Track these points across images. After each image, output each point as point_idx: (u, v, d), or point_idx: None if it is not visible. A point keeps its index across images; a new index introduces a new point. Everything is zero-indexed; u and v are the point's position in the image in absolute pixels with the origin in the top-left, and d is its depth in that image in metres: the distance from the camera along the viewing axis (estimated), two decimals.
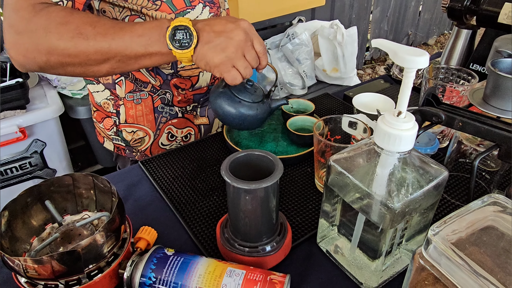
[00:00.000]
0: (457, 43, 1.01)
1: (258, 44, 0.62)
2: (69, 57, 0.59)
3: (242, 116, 0.68)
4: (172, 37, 0.58)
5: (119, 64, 0.61)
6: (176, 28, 0.57)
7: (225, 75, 0.60)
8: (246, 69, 0.61)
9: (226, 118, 0.69)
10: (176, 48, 0.58)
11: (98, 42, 0.58)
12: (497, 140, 0.49)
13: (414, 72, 0.41)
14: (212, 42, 0.59)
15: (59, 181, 0.53)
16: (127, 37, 0.59)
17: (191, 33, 0.58)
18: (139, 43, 0.59)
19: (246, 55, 0.61)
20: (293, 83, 2.17)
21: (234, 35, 0.59)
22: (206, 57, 0.59)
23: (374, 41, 0.45)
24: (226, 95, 0.68)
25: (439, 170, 0.46)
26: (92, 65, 0.61)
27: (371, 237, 0.48)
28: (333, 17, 2.74)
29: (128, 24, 0.60)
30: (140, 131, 0.89)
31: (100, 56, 0.59)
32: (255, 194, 0.47)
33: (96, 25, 0.59)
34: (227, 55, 0.59)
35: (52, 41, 0.57)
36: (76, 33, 0.58)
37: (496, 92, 0.57)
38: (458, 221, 0.41)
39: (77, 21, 0.58)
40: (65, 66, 0.61)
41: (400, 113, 0.44)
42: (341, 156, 0.50)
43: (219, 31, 0.59)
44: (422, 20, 3.54)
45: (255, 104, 0.69)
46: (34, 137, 1.42)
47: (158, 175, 0.73)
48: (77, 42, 0.58)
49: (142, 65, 0.62)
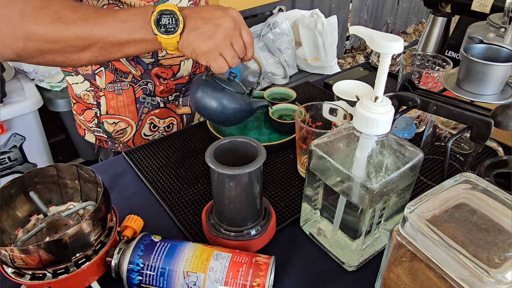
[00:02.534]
0: (433, 31, 1.04)
1: (246, 34, 0.61)
2: (48, 43, 0.56)
3: (222, 106, 0.66)
4: (157, 22, 0.56)
5: (101, 52, 0.59)
6: (161, 12, 0.56)
7: (211, 63, 0.59)
8: (233, 58, 0.60)
9: (206, 108, 0.67)
10: (162, 33, 0.56)
11: (79, 27, 0.56)
12: (469, 122, 0.52)
13: (390, 57, 0.42)
14: (200, 28, 0.57)
15: (42, 172, 0.53)
16: (110, 22, 0.56)
17: (177, 18, 0.56)
18: (123, 29, 0.57)
19: (234, 44, 0.60)
20: (274, 72, 2.18)
21: (223, 22, 0.58)
22: (193, 44, 0.58)
23: (352, 28, 0.47)
24: (209, 83, 0.66)
25: (414, 152, 0.49)
26: (72, 52, 0.58)
27: (351, 218, 0.51)
28: (313, 6, 2.74)
29: (111, 10, 0.58)
30: (122, 122, 0.88)
31: (81, 42, 0.57)
32: (239, 179, 0.49)
33: (76, 9, 0.56)
34: (215, 43, 0.58)
35: (29, 26, 0.55)
36: (55, 17, 0.55)
37: (468, 76, 0.60)
38: (432, 199, 0.43)
39: (56, 5, 0.56)
40: (44, 53, 0.58)
41: (377, 97, 0.45)
42: (321, 141, 0.51)
43: (207, 18, 0.57)
44: (401, 9, 3.58)
45: (237, 95, 0.67)
46: (12, 131, 1.39)
47: (142, 165, 0.73)
48: (56, 27, 0.55)
49: (126, 53, 0.60)
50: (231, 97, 0.67)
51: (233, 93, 0.67)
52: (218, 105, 0.66)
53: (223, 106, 0.66)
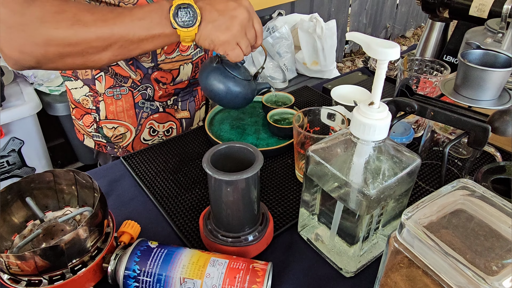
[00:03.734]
0: (431, 36, 1.04)
1: (258, 24, 0.64)
2: (69, 46, 0.57)
3: (233, 92, 0.71)
4: (175, 15, 0.57)
5: (121, 50, 0.60)
6: (179, 6, 0.57)
7: (229, 53, 0.62)
8: (248, 47, 0.63)
9: (218, 94, 0.72)
10: (181, 26, 0.58)
11: (99, 28, 0.56)
12: (466, 128, 0.52)
13: (387, 64, 0.42)
14: (217, 21, 0.59)
15: (39, 178, 0.53)
16: (128, 21, 0.57)
17: (195, 10, 0.58)
18: (141, 26, 0.58)
19: (248, 34, 0.62)
20: (274, 76, 2.18)
21: (238, 14, 0.60)
22: (211, 36, 0.60)
23: (348, 34, 0.47)
24: (220, 70, 0.71)
25: (412, 158, 0.48)
26: (93, 53, 0.59)
27: (349, 224, 0.50)
28: (313, 11, 2.75)
29: (126, 9, 0.59)
30: (121, 127, 0.88)
31: (101, 42, 0.57)
32: (236, 185, 0.49)
33: (94, 11, 0.57)
34: (233, 34, 0.60)
35: (49, 31, 0.55)
36: (75, 20, 0.55)
37: (466, 82, 0.60)
38: (429, 205, 0.43)
39: (73, 9, 0.56)
40: (64, 57, 0.58)
41: (374, 103, 0.45)
42: (319, 146, 0.51)
43: (222, 10, 0.59)
44: (400, 13, 3.60)
45: (246, 82, 0.73)
46: (11, 135, 1.39)
47: (140, 170, 0.73)
48: (77, 29, 0.56)
49: (144, 49, 0.61)
50: (239, 83, 0.72)
51: (241, 80, 0.72)
52: (227, 90, 0.71)
53: (233, 92, 0.72)
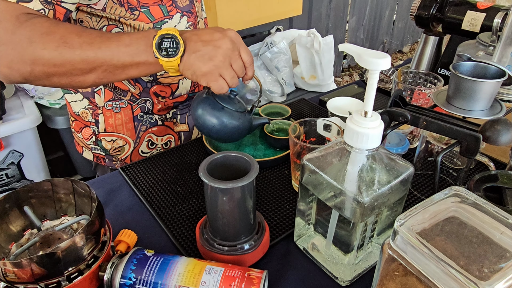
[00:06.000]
0: (426, 49, 1.07)
1: (245, 54, 0.63)
2: (55, 67, 0.58)
3: (222, 124, 0.67)
4: (159, 45, 0.58)
5: (106, 74, 0.61)
6: (163, 36, 0.58)
7: (212, 84, 0.61)
8: (233, 78, 0.62)
9: (206, 126, 0.68)
10: (163, 56, 0.58)
11: (84, 51, 0.58)
12: (459, 137, 0.53)
13: (378, 74, 0.43)
14: (200, 51, 0.59)
15: (37, 187, 0.53)
16: (114, 46, 0.58)
17: (178, 41, 0.58)
18: (126, 52, 0.59)
19: (233, 65, 0.61)
20: (272, 90, 2.21)
21: (221, 44, 0.59)
22: (193, 66, 0.60)
23: (341, 46, 0.48)
24: (209, 101, 0.67)
25: (405, 166, 0.49)
26: (78, 75, 0.60)
27: (344, 232, 0.51)
28: (310, 26, 2.80)
29: (114, 34, 0.60)
30: (119, 140, 0.89)
31: (86, 65, 0.59)
32: (232, 193, 0.49)
33: (81, 34, 0.59)
34: (215, 64, 0.59)
35: (36, 51, 0.57)
36: (61, 42, 0.57)
37: (457, 93, 0.61)
38: (422, 212, 0.43)
39: (62, 30, 0.58)
40: (50, 76, 0.60)
41: (367, 112, 0.46)
42: (313, 155, 0.52)
43: (206, 40, 0.59)
44: (397, 29, 3.66)
45: (237, 114, 0.68)
46: (10, 148, 1.40)
47: (138, 180, 0.73)
48: (62, 51, 0.57)
49: (129, 75, 0.62)
50: (230, 115, 0.67)
51: (233, 111, 0.68)
52: (218, 123, 0.67)
53: (223, 124, 0.67)
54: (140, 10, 0.73)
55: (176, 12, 0.78)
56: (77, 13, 0.71)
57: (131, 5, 0.72)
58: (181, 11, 0.79)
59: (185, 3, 0.79)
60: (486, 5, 0.89)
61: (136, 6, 0.72)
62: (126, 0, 0.71)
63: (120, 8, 0.71)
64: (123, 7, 0.71)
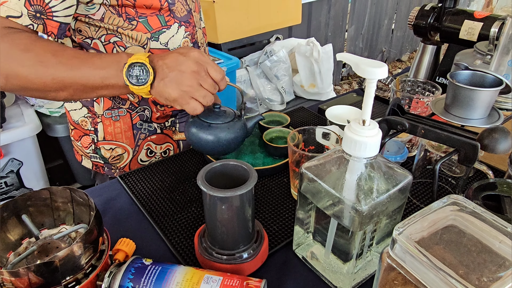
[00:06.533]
0: (424, 58, 1.07)
1: (213, 71, 0.63)
2: (28, 82, 0.60)
3: (215, 139, 0.68)
4: (129, 73, 0.60)
5: (77, 92, 0.63)
6: (133, 64, 0.59)
7: (185, 107, 0.62)
8: (205, 97, 0.62)
9: (202, 145, 0.69)
10: (133, 84, 0.60)
11: (57, 71, 0.60)
12: (457, 145, 0.53)
13: (375, 83, 0.44)
14: (167, 77, 0.60)
15: (36, 195, 0.53)
16: (86, 68, 0.60)
17: (147, 69, 0.60)
18: (97, 75, 0.61)
19: (203, 84, 0.62)
20: (272, 98, 2.21)
21: (185, 68, 0.60)
22: (164, 93, 0.61)
23: (338, 55, 0.48)
24: (195, 123, 0.68)
25: (403, 175, 0.49)
26: (50, 91, 0.62)
27: (342, 240, 0.51)
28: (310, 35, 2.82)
29: (89, 55, 0.62)
30: (118, 148, 0.89)
31: (58, 84, 0.61)
32: (230, 202, 0.49)
33: (57, 54, 0.60)
34: (182, 89, 0.61)
35: (12, 67, 0.58)
36: (37, 60, 0.59)
37: (455, 101, 0.61)
38: (420, 221, 0.43)
39: (39, 49, 0.60)
40: (24, 90, 0.62)
41: (365, 121, 0.46)
42: (312, 163, 0.52)
43: (171, 66, 0.61)
44: (395, 38, 3.68)
45: (226, 125, 0.68)
46: (10, 156, 1.40)
47: (136, 188, 0.73)
48: (37, 69, 0.59)
49: (100, 94, 0.64)
50: (220, 129, 0.68)
51: (220, 124, 0.68)
52: (210, 140, 0.68)
53: (215, 139, 0.68)
54: (138, 20, 0.73)
55: (174, 22, 0.79)
56: (76, 22, 0.72)
57: (129, 15, 0.72)
58: (179, 21, 0.80)
59: (183, 13, 0.80)
60: (483, 14, 0.90)
61: (134, 16, 0.73)
62: (124, 10, 0.71)
63: (118, 18, 0.72)
64: (121, 17, 0.72)
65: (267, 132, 0.82)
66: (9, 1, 0.59)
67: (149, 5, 0.72)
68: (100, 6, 0.70)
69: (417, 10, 1.04)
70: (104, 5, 0.70)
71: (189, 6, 0.82)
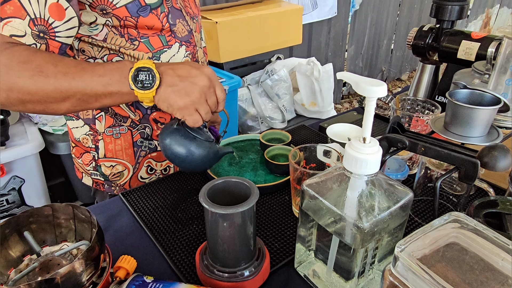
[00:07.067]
0: (423, 77, 1.09)
1: (220, 91, 0.65)
2: (29, 94, 0.60)
3: (192, 153, 0.68)
4: (135, 77, 0.60)
5: (79, 103, 0.62)
6: (139, 69, 0.60)
7: (187, 118, 0.63)
8: (207, 113, 0.64)
9: (175, 155, 0.68)
10: (138, 88, 0.60)
11: (58, 81, 0.59)
12: (457, 163, 0.53)
13: (375, 101, 0.45)
14: (177, 85, 0.61)
15: (38, 212, 0.54)
16: (88, 76, 0.60)
17: (154, 74, 0.60)
18: (100, 82, 0.60)
19: (208, 100, 0.64)
20: (273, 117, 2.23)
21: (199, 81, 0.62)
22: (169, 100, 0.62)
23: (339, 74, 0.50)
24: (180, 132, 0.68)
25: (404, 192, 0.50)
26: (52, 102, 0.61)
27: (344, 258, 0.50)
28: (310, 55, 2.86)
29: (90, 64, 0.62)
30: (119, 165, 0.90)
31: (59, 94, 0.60)
32: (232, 219, 0.49)
33: (57, 64, 0.60)
34: (192, 100, 0.62)
35: (12, 79, 0.58)
36: (37, 71, 0.59)
37: (454, 120, 0.62)
38: (422, 238, 0.43)
39: (39, 60, 0.59)
40: (25, 103, 0.61)
41: (365, 139, 0.47)
42: (313, 180, 0.52)
43: (183, 76, 0.62)
44: (395, 57, 3.73)
45: (207, 143, 0.69)
46: (12, 174, 1.40)
47: (138, 206, 0.73)
48: (37, 80, 0.59)
49: (103, 103, 0.64)
50: (200, 145, 0.68)
51: (202, 141, 0.69)
52: (187, 152, 0.68)
53: (191, 153, 0.68)
54: (140, 41, 0.75)
55: (175, 42, 0.80)
56: (79, 43, 0.74)
57: (131, 36, 0.74)
58: (180, 41, 0.81)
59: (184, 34, 0.82)
60: (480, 35, 0.92)
61: (136, 36, 0.75)
62: (127, 31, 0.73)
63: (120, 38, 0.73)
64: (123, 38, 0.74)
65: (268, 150, 0.83)
66: (13, 21, 0.59)
67: (150, 25, 0.74)
68: (103, 27, 0.72)
69: (416, 30, 1.06)
70: (107, 25, 0.72)
71: (190, 26, 0.84)
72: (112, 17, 0.70)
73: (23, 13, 0.59)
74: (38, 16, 0.60)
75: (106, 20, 0.70)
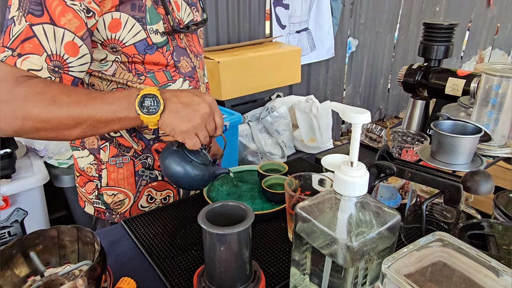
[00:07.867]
0: (414, 112, 1.14)
1: (218, 118, 0.71)
2: (43, 122, 0.65)
3: (189, 174, 0.74)
4: (141, 103, 0.66)
5: (90, 128, 0.68)
6: (145, 96, 0.66)
7: (187, 142, 0.69)
8: (206, 138, 0.70)
9: (175, 175, 0.74)
10: (144, 113, 0.66)
11: (71, 109, 0.65)
12: (441, 187, 0.56)
13: (360, 127, 0.49)
14: (180, 112, 0.67)
15: (44, 234, 0.56)
16: (98, 104, 0.66)
17: (159, 100, 0.66)
18: (109, 109, 0.66)
19: (207, 126, 0.70)
20: (273, 152, 2.27)
21: (200, 108, 0.68)
22: (172, 124, 0.67)
23: (328, 103, 0.54)
24: (179, 153, 0.74)
25: (392, 214, 0.52)
26: (64, 129, 0.67)
27: (337, 280, 0.52)
28: (309, 93, 2.96)
29: (100, 93, 0.68)
30: (120, 194, 0.92)
31: (72, 121, 0.66)
32: (229, 239, 0.52)
33: (70, 94, 0.66)
34: (193, 125, 0.67)
35: (28, 108, 0.64)
36: (52, 101, 0.64)
37: (440, 148, 0.66)
38: (408, 256, 0.46)
39: (53, 91, 0.65)
40: (38, 131, 0.66)
41: (353, 162, 0.51)
42: (306, 204, 0.55)
43: (186, 103, 0.67)
44: (391, 96, 3.84)
45: (204, 166, 0.76)
46: (16, 206, 1.42)
47: (139, 232, 0.76)
48: (51, 109, 0.64)
49: (112, 128, 0.69)
50: (196, 167, 0.75)
51: (198, 164, 0.75)
52: (184, 172, 0.74)
53: (188, 173, 0.74)
54: (146, 75, 0.81)
55: (179, 77, 0.86)
56: (90, 78, 0.80)
57: (138, 71, 0.80)
58: (184, 76, 0.87)
59: (188, 69, 0.88)
60: (465, 72, 0.98)
61: (143, 72, 0.80)
62: (134, 67, 0.79)
63: (128, 73, 0.79)
64: (131, 73, 0.79)
65: (266, 179, 0.86)
66: (31, 57, 0.65)
67: (156, 62, 0.80)
68: (112, 63, 0.78)
69: (406, 69, 1.13)
70: (116, 62, 0.78)
71: (193, 63, 0.90)
72: (121, 55, 0.76)
73: (40, 50, 0.65)
74: (55, 52, 0.66)
75: (116, 57, 0.76)
